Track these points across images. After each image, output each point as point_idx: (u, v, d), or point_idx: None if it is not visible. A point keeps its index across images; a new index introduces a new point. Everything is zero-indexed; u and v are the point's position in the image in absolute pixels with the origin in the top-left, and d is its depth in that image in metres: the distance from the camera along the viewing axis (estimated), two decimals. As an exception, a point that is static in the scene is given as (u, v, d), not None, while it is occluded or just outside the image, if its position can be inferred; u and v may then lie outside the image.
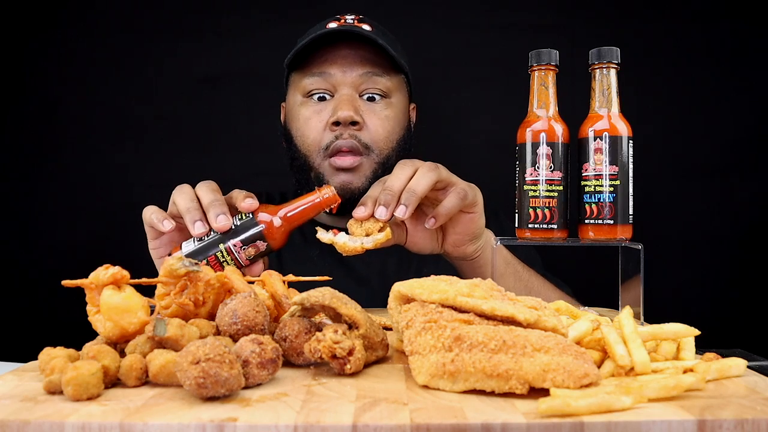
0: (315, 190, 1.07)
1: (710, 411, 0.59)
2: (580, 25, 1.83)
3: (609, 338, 0.71)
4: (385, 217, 1.00)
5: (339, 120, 1.35)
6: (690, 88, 1.83)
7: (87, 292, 0.74)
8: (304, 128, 1.41)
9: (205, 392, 0.61)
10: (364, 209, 1.02)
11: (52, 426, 0.57)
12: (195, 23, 1.88)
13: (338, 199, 1.06)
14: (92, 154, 1.86)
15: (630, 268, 1.01)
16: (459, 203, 1.05)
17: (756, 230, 1.80)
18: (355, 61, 1.38)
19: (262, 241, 1.03)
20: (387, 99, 1.41)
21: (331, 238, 1.01)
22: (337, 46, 1.39)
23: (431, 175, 1.02)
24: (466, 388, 0.65)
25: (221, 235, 1.02)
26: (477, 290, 0.73)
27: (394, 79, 1.43)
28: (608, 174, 0.99)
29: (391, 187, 1.01)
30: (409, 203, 1.00)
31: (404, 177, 1.03)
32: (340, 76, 1.38)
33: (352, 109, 1.35)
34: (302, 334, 0.74)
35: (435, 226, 1.06)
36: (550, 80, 1.02)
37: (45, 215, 1.86)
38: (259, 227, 1.03)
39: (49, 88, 1.88)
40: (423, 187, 1.01)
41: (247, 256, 1.03)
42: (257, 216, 1.04)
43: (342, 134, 1.36)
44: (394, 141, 1.42)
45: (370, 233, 1.01)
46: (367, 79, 1.39)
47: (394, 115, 1.42)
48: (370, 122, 1.39)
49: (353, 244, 1.00)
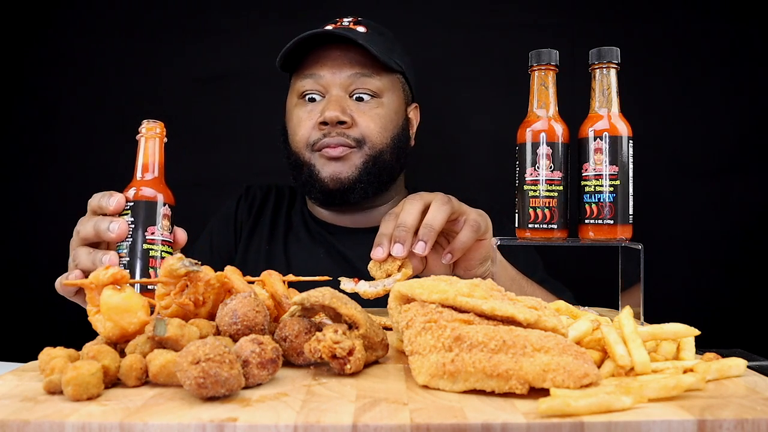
0: (139, 132, 1.02)
1: (710, 411, 0.59)
2: (580, 25, 1.83)
3: (609, 338, 0.71)
4: (402, 254, 1.00)
5: (326, 120, 1.38)
6: (690, 88, 1.83)
7: (87, 292, 0.74)
8: (296, 127, 1.44)
9: (205, 392, 0.61)
10: (381, 250, 1.01)
11: (52, 426, 0.57)
12: (195, 23, 1.88)
13: (157, 124, 1.01)
14: (92, 154, 1.86)
15: (630, 268, 1.01)
16: (474, 236, 1.06)
17: (756, 230, 1.80)
18: (344, 62, 1.40)
19: (161, 207, 0.98)
20: (378, 98, 1.43)
21: (353, 288, 0.99)
22: (328, 47, 1.41)
23: (446, 208, 1.03)
24: (466, 388, 0.64)
25: (130, 239, 0.96)
26: (477, 290, 0.73)
27: (385, 79, 1.44)
28: (608, 174, 0.99)
29: (405, 224, 1.01)
30: (428, 239, 1.00)
31: (416, 212, 1.02)
32: (329, 77, 1.40)
33: (339, 109, 1.38)
34: (302, 334, 0.74)
35: (452, 261, 1.07)
36: (550, 80, 1.02)
37: (45, 215, 1.86)
38: (148, 202, 0.97)
39: (49, 88, 1.88)
40: (440, 222, 1.01)
41: (165, 229, 0.98)
42: (135, 195, 0.98)
43: (330, 133, 1.39)
44: (387, 137, 1.43)
45: (391, 273, 1.01)
46: (356, 80, 1.40)
47: (386, 113, 1.43)
48: (361, 120, 1.40)
49: (374, 289, 0.99)
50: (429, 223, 1.01)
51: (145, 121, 1.02)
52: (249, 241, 1.55)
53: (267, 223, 1.58)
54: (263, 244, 1.54)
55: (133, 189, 0.99)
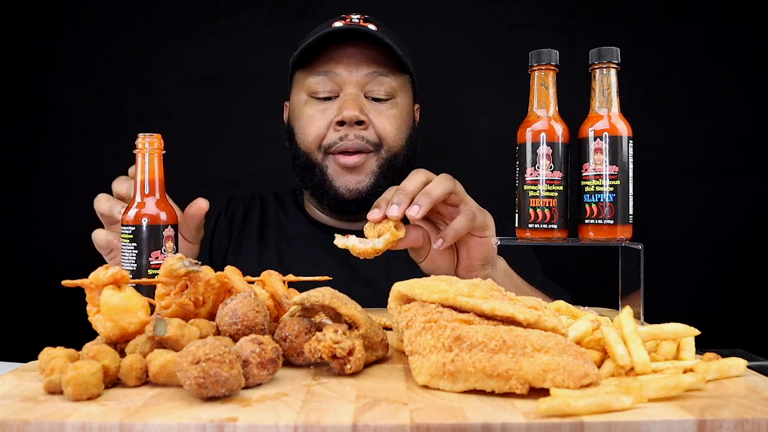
0: (137, 148, 0.96)
1: (710, 411, 0.59)
2: (580, 25, 1.83)
3: (609, 338, 0.71)
4: (396, 214, 0.99)
5: (344, 119, 1.34)
6: (690, 88, 1.83)
7: (87, 292, 0.74)
8: (306, 126, 1.40)
9: (205, 392, 0.61)
10: (378, 211, 1.01)
11: (52, 426, 0.57)
12: (195, 23, 1.88)
13: (155, 137, 0.96)
14: (92, 154, 1.85)
15: (630, 268, 1.01)
16: (468, 224, 1.05)
17: (756, 230, 1.80)
18: (361, 60, 1.38)
19: (164, 229, 0.95)
20: (393, 99, 1.41)
21: (345, 243, 1.01)
22: (343, 44, 1.38)
23: (447, 183, 1.03)
24: (466, 388, 0.65)
25: (134, 264, 0.94)
26: (477, 290, 0.73)
27: (399, 80, 1.42)
28: (608, 174, 0.99)
29: (405, 189, 1.02)
30: (423, 204, 0.99)
31: (418, 181, 1.03)
32: (345, 75, 1.37)
33: (357, 108, 1.35)
34: (302, 334, 0.74)
35: (442, 246, 1.05)
36: (550, 80, 1.02)
37: (45, 215, 1.86)
38: (151, 226, 0.94)
39: (49, 88, 1.88)
40: (438, 192, 1.01)
41: (170, 251, 0.95)
42: (137, 217, 0.94)
43: (347, 135, 1.36)
44: (402, 139, 1.42)
45: (382, 234, 1.01)
46: (373, 79, 1.38)
47: (400, 114, 1.42)
48: (377, 121, 1.38)
49: (364, 246, 1.00)
50: (427, 191, 1.01)
51: (141, 135, 0.96)
52: (237, 255, 1.50)
53: (254, 234, 1.52)
54: (253, 252, 1.49)
55: (134, 211, 0.95)
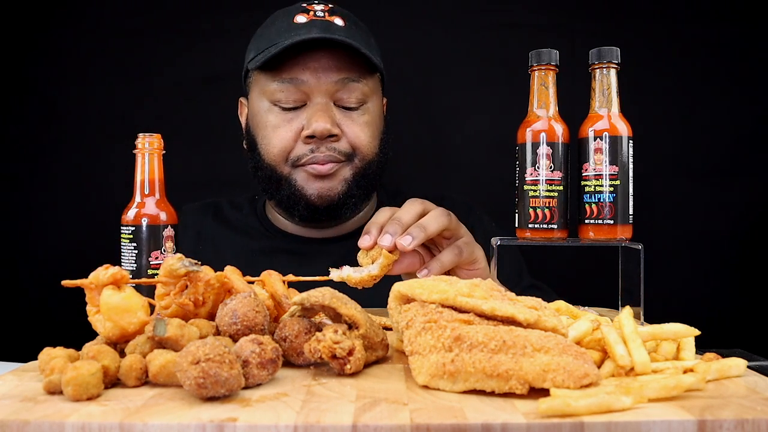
0: (137, 148, 0.96)
1: (710, 411, 0.59)
2: (580, 25, 1.83)
3: (609, 338, 0.71)
4: (388, 245, 0.96)
5: (314, 133, 1.25)
6: (690, 88, 1.83)
7: (87, 292, 0.74)
8: (271, 136, 1.29)
9: (205, 392, 0.61)
10: (368, 238, 0.98)
11: (52, 426, 0.57)
12: (195, 23, 1.88)
13: (155, 137, 0.95)
14: (92, 154, 1.86)
15: (630, 268, 1.01)
16: (454, 259, 1.03)
17: (756, 230, 1.80)
18: (330, 66, 1.26)
19: (164, 229, 0.94)
20: (364, 106, 1.31)
21: (340, 275, 0.98)
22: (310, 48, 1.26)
23: (443, 219, 1.00)
24: (466, 388, 0.64)
25: (134, 264, 0.93)
26: (477, 290, 0.73)
27: (370, 82, 1.32)
28: (608, 174, 0.99)
29: (400, 219, 0.98)
30: (417, 237, 0.96)
31: (414, 212, 1.00)
32: (313, 82, 1.26)
33: (329, 120, 1.25)
34: (302, 334, 0.74)
35: (428, 276, 1.00)
36: (550, 80, 1.02)
37: (44, 215, 1.86)
38: (150, 226, 0.93)
39: (49, 88, 1.88)
40: (433, 228, 0.99)
41: (170, 251, 0.95)
42: (137, 217, 0.93)
43: (318, 147, 1.27)
44: (376, 145, 1.34)
45: (376, 260, 0.99)
46: (343, 86, 1.27)
47: (372, 120, 1.33)
48: (349, 130, 1.29)
49: (359, 274, 0.98)
50: (423, 225, 0.98)
51: (141, 135, 0.95)
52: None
53: (209, 250, 1.42)
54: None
55: (134, 211, 0.94)
